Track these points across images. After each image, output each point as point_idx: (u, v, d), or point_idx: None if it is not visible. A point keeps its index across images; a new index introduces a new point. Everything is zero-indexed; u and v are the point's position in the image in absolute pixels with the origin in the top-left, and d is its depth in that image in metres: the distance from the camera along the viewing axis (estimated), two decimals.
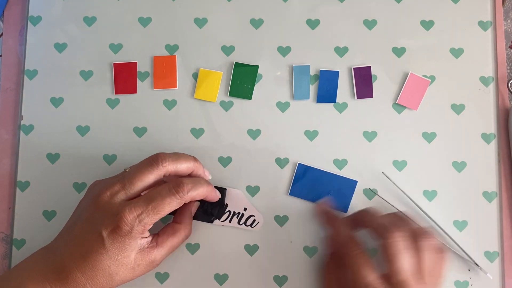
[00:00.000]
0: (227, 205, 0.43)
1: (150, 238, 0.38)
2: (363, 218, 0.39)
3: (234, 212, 0.43)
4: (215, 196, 0.41)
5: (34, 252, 0.38)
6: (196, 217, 0.43)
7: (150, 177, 0.37)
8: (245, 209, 0.43)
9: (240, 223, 0.43)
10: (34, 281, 0.35)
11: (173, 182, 0.37)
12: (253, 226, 0.43)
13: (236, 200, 0.43)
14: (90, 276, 0.35)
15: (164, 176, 0.38)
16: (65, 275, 0.35)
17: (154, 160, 0.38)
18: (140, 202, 0.36)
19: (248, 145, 0.44)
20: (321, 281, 0.42)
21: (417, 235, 0.36)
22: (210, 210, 0.43)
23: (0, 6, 0.47)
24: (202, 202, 0.42)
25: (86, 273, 0.35)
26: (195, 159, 0.40)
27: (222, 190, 0.43)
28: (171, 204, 0.37)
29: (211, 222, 0.43)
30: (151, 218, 0.36)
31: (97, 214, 0.36)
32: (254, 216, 0.43)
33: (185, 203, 0.38)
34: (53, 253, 0.37)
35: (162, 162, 0.37)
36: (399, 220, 0.38)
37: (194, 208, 0.42)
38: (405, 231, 0.36)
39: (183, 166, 0.39)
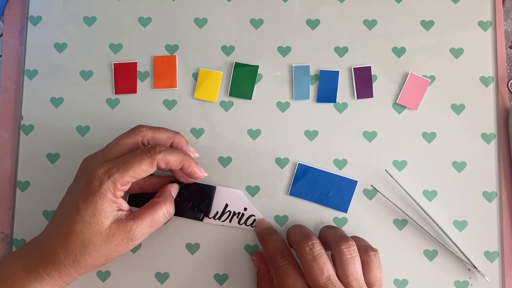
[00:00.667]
0: (227, 204, 0.43)
1: (128, 212, 0.37)
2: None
3: (234, 212, 0.43)
4: (196, 170, 0.39)
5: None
6: (183, 214, 0.43)
7: (127, 141, 0.38)
8: (245, 209, 0.43)
9: (240, 223, 0.43)
10: (19, 259, 0.36)
11: (147, 146, 0.38)
12: (253, 226, 0.43)
13: (236, 200, 0.43)
14: (63, 242, 0.35)
15: (142, 143, 0.39)
16: (42, 246, 0.36)
17: (132, 128, 0.39)
18: (114, 160, 0.36)
19: (248, 145, 0.44)
20: None
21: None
22: (198, 207, 0.43)
23: (0, 6, 0.47)
24: (189, 197, 0.42)
25: (59, 240, 0.35)
26: (177, 132, 0.40)
27: (211, 188, 0.43)
28: (142, 163, 0.36)
29: (201, 219, 0.43)
30: (121, 174, 0.35)
31: (76, 178, 0.38)
32: (254, 216, 0.43)
33: (165, 184, 0.39)
34: (42, 233, 0.38)
35: (139, 128, 0.39)
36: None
37: (174, 189, 0.41)
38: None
39: (162, 134, 0.39)
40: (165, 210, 0.38)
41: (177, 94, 0.45)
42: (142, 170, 0.36)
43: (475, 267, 0.42)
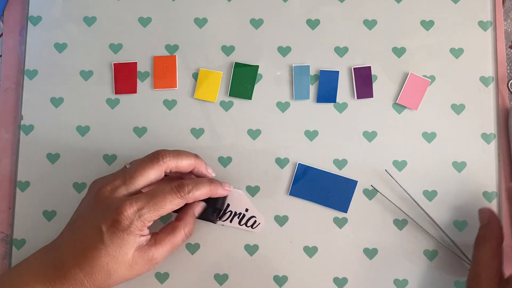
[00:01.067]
0: (228, 204, 0.43)
1: (149, 236, 0.37)
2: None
3: (235, 212, 0.43)
4: (222, 192, 0.41)
5: (36, 251, 0.38)
6: (200, 216, 0.42)
7: (151, 173, 0.37)
8: (246, 210, 0.43)
9: (241, 224, 0.43)
10: (33, 278, 0.35)
11: (175, 182, 0.38)
12: (253, 227, 0.43)
13: (238, 201, 0.43)
14: (88, 272, 0.35)
15: (165, 173, 0.38)
16: (63, 271, 0.35)
17: (154, 156, 0.38)
18: (141, 197, 0.36)
19: (248, 145, 0.44)
20: None
21: None
22: (213, 208, 0.42)
23: (0, 6, 0.47)
24: (208, 201, 0.42)
25: (84, 269, 0.35)
26: (196, 156, 0.40)
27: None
28: (172, 202, 0.36)
29: (214, 222, 0.43)
30: (151, 214, 0.36)
31: (97, 209, 0.36)
32: (255, 217, 0.43)
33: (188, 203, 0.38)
34: (54, 250, 0.37)
35: (162, 157, 0.38)
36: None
37: (198, 208, 0.41)
38: None
39: (184, 163, 0.39)
40: (183, 234, 0.39)
41: (177, 94, 0.45)
42: (172, 209, 0.37)
43: None
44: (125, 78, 0.46)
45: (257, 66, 0.45)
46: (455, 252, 0.42)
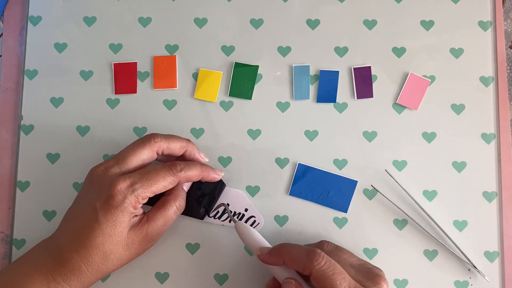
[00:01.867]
0: (228, 204, 0.43)
1: (142, 216, 0.38)
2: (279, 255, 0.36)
3: (234, 212, 0.43)
4: (214, 176, 0.41)
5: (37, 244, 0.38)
6: (186, 211, 0.42)
7: (143, 152, 0.38)
8: (246, 210, 0.43)
9: None
10: (33, 269, 0.35)
11: (168, 162, 0.38)
12: (253, 227, 0.43)
13: (237, 200, 0.43)
14: (85, 255, 0.35)
15: (157, 154, 0.39)
16: (61, 258, 0.35)
17: (146, 137, 0.39)
18: (134, 174, 0.37)
19: (248, 145, 0.44)
20: None
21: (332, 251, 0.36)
22: (201, 204, 0.42)
23: (0, 6, 0.47)
24: (197, 193, 0.42)
25: (80, 253, 0.35)
26: (188, 140, 0.41)
27: (220, 184, 0.43)
28: (165, 179, 0.37)
29: (201, 218, 0.42)
30: (145, 190, 0.36)
31: (91, 189, 0.37)
32: (254, 217, 0.43)
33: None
34: (53, 238, 0.37)
35: (154, 138, 0.38)
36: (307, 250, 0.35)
37: (186, 184, 0.41)
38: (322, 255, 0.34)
39: (176, 144, 0.39)
40: (175, 207, 0.39)
41: (177, 94, 0.45)
42: (164, 186, 0.37)
43: (475, 267, 0.42)
44: (125, 78, 0.46)
45: (257, 66, 0.45)
46: (455, 252, 0.42)
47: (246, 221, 0.43)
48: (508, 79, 0.46)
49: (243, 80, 0.45)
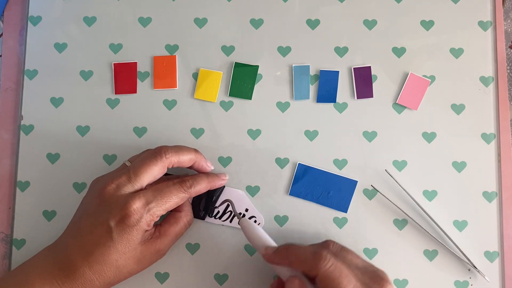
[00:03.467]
0: (228, 205, 0.43)
1: (153, 230, 0.38)
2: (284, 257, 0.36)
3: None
4: (220, 183, 0.42)
5: (40, 250, 0.38)
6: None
7: (155, 169, 0.38)
8: (246, 210, 0.43)
9: None
10: (41, 278, 0.35)
11: (176, 179, 0.39)
12: None
13: (237, 201, 0.43)
14: (98, 270, 0.35)
15: (168, 168, 0.39)
16: (72, 271, 0.35)
17: (157, 152, 0.38)
18: (147, 192, 0.37)
19: (248, 145, 0.44)
20: None
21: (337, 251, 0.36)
22: (201, 205, 0.43)
23: (0, 6, 0.47)
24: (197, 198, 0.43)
25: (93, 268, 0.35)
26: (196, 151, 0.41)
27: (219, 188, 0.43)
28: (178, 196, 0.38)
29: (202, 218, 0.43)
30: (159, 208, 0.37)
31: (104, 207, 0.36)
32: (255, 217, 0.43)
33: None
34: (60, 249, 0.37)
35: (165, 153, 0.38)
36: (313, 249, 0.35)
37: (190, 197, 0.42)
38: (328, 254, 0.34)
39: (185, 157, 0.39)
40: (186, 222, 0.40)
41: (177, 94, 0.45)
42: (177, 203, 0.38)
43: (475, 267, 0.42)
44: (125, 78, 0.46)
45: (257, 66, 0.45)
46: (455, 252, 0.42)
47: None
48: (508, 79, 0.46)
49: (243, 80, 0.45)
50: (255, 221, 0.43)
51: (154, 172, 0.38)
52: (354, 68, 0.45)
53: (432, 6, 0.46)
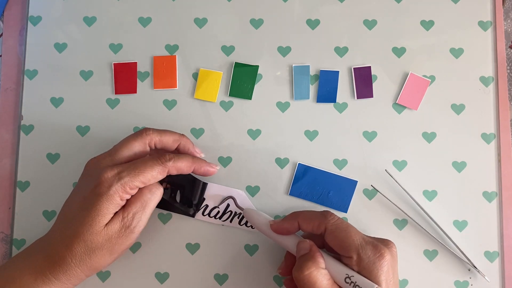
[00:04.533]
0: (228, 204, 0.43)
1: (121, 205, 0.37)
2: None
3: (235, 212, 0.43)
4: (207, 169, 0.40)
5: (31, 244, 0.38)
6: (175, 209, 0.43)
7: (135, 144, 0.38)
8: None
9: (241, 224, 0.43)
10: (25, 265, 0.35)
11: (157, 154, 0.38)
12: (254, 228, 0.43)
13: (238, 201, 0.43)
14: (69, 245, 0.35)
15: (149, 146, 0.39)
16: (50, 251, 0.36)
17: (139, 131, 0.39)
18: (123, 164, 0.37)
19: (248, 145, 0.44)
20: None
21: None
22: (188, 202, 0.42)
23: (0, 6, 0.47)
24: (177, 190, 0.41)
25: (66, 243, 0.35)
26: (182, 134, 0.41)
27: (201, 184, 0.42)
28: (153, 169, 0.36)
29: (192, 215, 0.43)
30: (131, 178, 0.36)
31: (83, 181, 0.38)
32: None
33: None
34: (46, 235, 0.38)
35: (146, 131, 0.39)
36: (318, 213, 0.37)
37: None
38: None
39: (168, 138, 0.39)
40: (149, 186, 0.38)
41: (177, 94, 0.45)
42: (153, 176, 0.37)
43: (475, 267, 0.42)
44: (125, 78, 0.46)
45: (257, 66, 0.45)
46: (455, 252, 0.42)
47: (247, 221, 0.43)
48: (508, 79, 0.46)
49: (243, 80, 0.45)
50: None
51: (133, 147, 0.38)
52: (354, 68, 0.45)
53: (432, 6, 0.46)
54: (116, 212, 0.36)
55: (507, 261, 0.42)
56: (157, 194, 0.38)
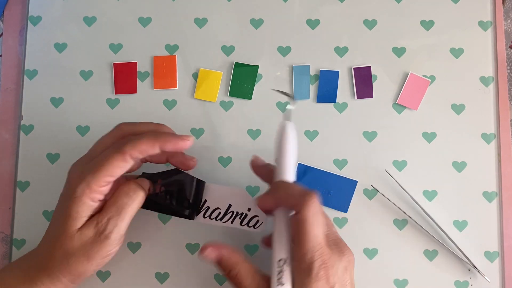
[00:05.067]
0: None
1: (96, 206, 0.34)
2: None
3: (237, 212, 0.42)
4: (176, 143, 0.34)
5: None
6: (165, 210, 0.39)
7: (106, 140, 0.36)
8: (249, 210, 0.42)
9: (243, 224, 0.42)
10: (20, 272, 0.35)
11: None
12: (256, 227, 0.42)
13: (240, 200, 0.42)
14: (49, 249, 0.34)
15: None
16: (37, 255, 0.35)
17: (115, 126, 0.37)
18: (88, 163, 0.34)
19: (248, 145, 0.44)
20: None
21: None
22: (183, 203, 0.38)
23: (0, 6, 0.47)
24: (171, 190, 0.38)
25: (46, 248, 0.35)
26: (160, 124, 0.37)
27: (199, 182, 0.39)
28: (112, 158, 0.33)
29: (189, 217, 0.39)
30: (93, 176, 0.33)
31: (64, 185, 0.36)
32: (258, 216, 0.42)
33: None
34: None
35: (119, 125, 0.36)
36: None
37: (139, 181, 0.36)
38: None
39: (143, 127, 0.36)
40: (126, 189, 0.35)
41: (177, 94, 0.45)
42: (115, 166, 0.33)
43: (475, 267, 0.42)
44: (125, 78, 0.46)
45: (257, 66, 0.45)
46: (455, 252, 0.42)
47: (249, 221, 0.41)
48: (508, 79, 0.46)
49: (243, 80, 0.45)
50: (258, 221, 0.41)
51: (106, 144, 0.35)
52: (354, 68, 0.45)
53: (432, 6, 0.46)
54: (93, 216, 0.34)
55: (507, 261, 0.42)
56: (135, 198, 0.35)
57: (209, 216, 0.41)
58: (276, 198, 0.34)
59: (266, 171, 0.38)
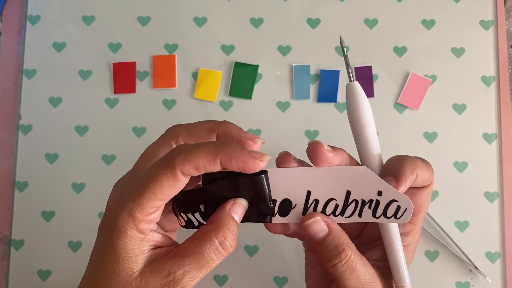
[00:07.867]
0: (349, 192, 0.31)
1: (171, 248, 0.27)
2: None
3: (363, 201, 0.30)
4: (244, 162, 0.26)
5: None
6: (249, 218, 0.30)
7: (155, 149, 0.29)
8: (379, 193, 0.30)
9: (377, 216, 0.30)
10: None
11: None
12: (398, 217, 0.29)
13: (362, 182, 0.30)
14: None
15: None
16: None
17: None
18: (128, 183, 0.27)
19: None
20: None
21: None
22: (261, 207, 0.29)
23: None
24: (255, 199, 0.29)
25: None
26: (222, 121, 0.30)
27: (259, 174, 0.28)
28: (158, 177, 0.24)
29: (269, 221, 0.30)
30: (136, 201, 0.24)
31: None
32: (396, 201, 0.29)
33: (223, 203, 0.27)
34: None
35: (171, 128, 0.30)
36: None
37: (236, 207, 0.28)
38: None
39: (201, 127, 0.30)
40: (217, 243, 0.27)
41: (177, 93, 0.45)
42: (163, 187, 0.24)
43: (477, 268, 0.41)
44: (124, 77, 0.45)
45: (257, 66, 0.45)
46: (456, 253, 0.42)
47: (385, 210, 0.29)
48: (510, 79, 0.45)
49: (243, 80, 0.45)
50: (398, 207, 0.29)
51: (154, 154, 0.28)
52: (355, 68, 0.45)
53: (434, 5, 0.46)
54: (160, 263, 0.26)
55: (509, 262, 0.42)
56: (227, 250, 0.28)
57: (324, 213, 0.30)
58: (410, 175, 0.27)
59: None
